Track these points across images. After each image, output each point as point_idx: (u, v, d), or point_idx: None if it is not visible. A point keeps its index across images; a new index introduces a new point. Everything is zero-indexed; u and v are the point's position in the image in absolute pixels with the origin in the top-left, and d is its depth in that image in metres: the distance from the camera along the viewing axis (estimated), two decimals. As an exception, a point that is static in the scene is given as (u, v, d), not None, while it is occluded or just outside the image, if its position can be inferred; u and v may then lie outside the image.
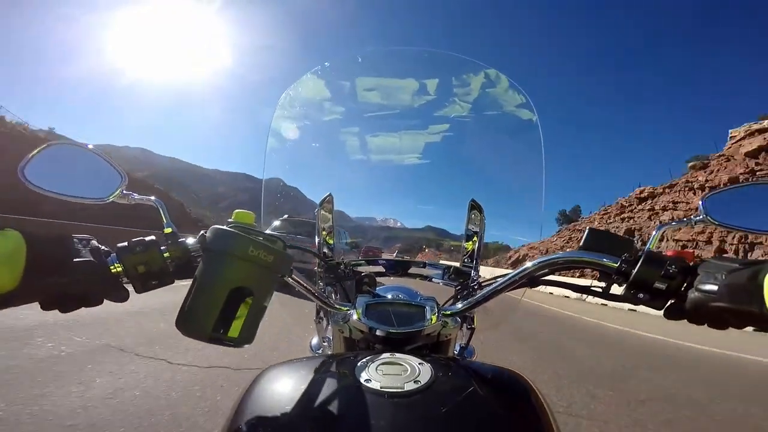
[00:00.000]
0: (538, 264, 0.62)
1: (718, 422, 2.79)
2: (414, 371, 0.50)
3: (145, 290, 0.54)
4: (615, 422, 2.57)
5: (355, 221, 1.03)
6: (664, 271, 0.52)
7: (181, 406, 2.24)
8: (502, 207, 0.91)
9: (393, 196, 0.99)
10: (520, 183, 0.92)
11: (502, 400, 0.50)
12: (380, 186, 0.98)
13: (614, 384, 3.50)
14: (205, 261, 0.47)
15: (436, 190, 1.01)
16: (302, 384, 0.50)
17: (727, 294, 0.45)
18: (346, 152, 0.95)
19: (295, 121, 0.89)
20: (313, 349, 1.00)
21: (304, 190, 0.93)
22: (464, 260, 0.88)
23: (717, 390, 3.58)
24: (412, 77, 0.90)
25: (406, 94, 0.91)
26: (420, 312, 0.69)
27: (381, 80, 0.90)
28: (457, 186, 1.01)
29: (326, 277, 0.84)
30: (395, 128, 0.94)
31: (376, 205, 1.03)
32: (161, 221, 0.59)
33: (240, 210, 0.54)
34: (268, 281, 0.48)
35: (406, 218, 1.02)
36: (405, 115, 0.92)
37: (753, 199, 0.62)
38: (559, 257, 0.61)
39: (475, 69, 0.88)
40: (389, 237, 1.06)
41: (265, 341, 3.45)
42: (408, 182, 0.98)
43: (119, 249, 0.53)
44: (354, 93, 0.89)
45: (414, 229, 1.03)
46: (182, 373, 2.74)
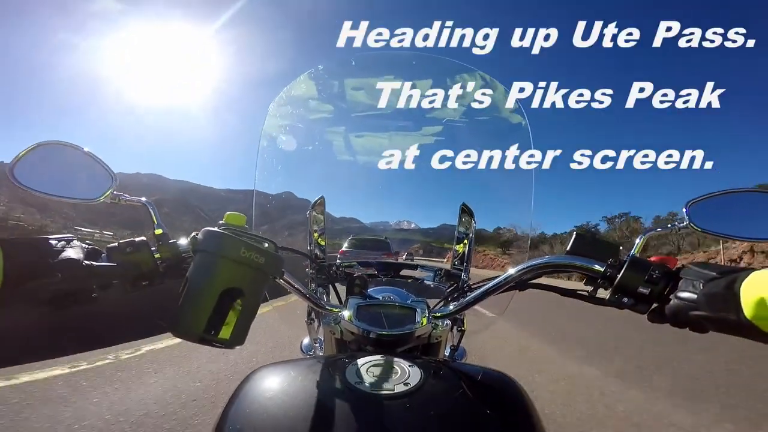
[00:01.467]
0: (527, 268, 0.63)
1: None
2: (404, 373, 0.51)
3: (135, 290, 0.55)
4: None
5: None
6: (648, 276, 0.53)
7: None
8: (492, 212, 0.94)
9: (384, 199, 1.00)
10: (510, 188, 0.94)
11: (490, 402, 0.51)
12: (371, 188, 0.99)
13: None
14: (197, 262, 0.47)
15: (426, 193, 1.03)
16: (292, 386, 0.50)
17: (706, 302, 0.46)
18: (337, 154, 0.96)
19: (287, 125, 0.89)
20: (304, 351, 1.00)
21: (298, 192, 0.94)
22: (455, 263, 0.89)
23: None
24: (402, 79, 0.91)
25: (396, 97, 0.92)
26: (411, 314, 0.69)
27: (371, 82, 0.90)
28: (448, 189, 1.02)
29: (318, 278, 0.84)
30: (385, 129, 0.95)
31: (368, 206, 1.03)
32: (152, 223, 0.59)
33: (231, 212, 0.54)
34: (260, 283, 0.48)
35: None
36: (395, 117, 0.94)
37: (735, 206, 0.63)
38: (546, 261, 0.62)
39: (466, 72, 0.89)
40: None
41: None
42: (400, 184, 0.99)
43: (109, 249, 0.53)
44: (344, 95, 0.90)
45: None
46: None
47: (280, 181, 0.88)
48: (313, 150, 0.94)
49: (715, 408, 2.62)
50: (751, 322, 0.42)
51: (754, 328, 0.42)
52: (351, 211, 1.01)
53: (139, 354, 3.38)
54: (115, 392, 2.50)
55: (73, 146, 0.61)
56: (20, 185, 0.57)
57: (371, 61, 0.93)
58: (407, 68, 0.91)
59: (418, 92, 0.91)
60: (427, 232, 1.03)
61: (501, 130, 0.90)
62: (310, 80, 0.88)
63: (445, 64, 0.91)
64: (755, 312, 0.41)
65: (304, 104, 0.90)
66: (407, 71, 0.90)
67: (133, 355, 3.32)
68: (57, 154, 0.61)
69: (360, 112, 0.93)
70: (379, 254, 0.98)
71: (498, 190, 0.98)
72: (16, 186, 0.57)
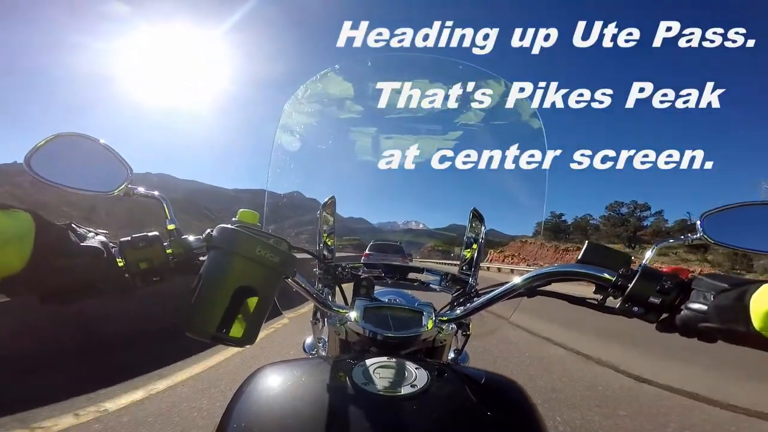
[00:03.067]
0: (537, 275, 0.63)
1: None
2: (411, 375, 0.51)
3: (146, 285, 0.55)
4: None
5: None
6: (660, 286, 0.53)
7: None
8: (503, 219, 0.94)
9: (398, 200, 1.01)
10: (523, 189, 0.94)
11: (495, 406, 0.51)
12: (382, 188, 1.00)
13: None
14: (211, 259, 0.47)
15: (436, 194, 1.03)
16: (299, 384, 0.50)
17: (716, 314, 0.47)
18: (349, 154, 0.96)
19: (302, 124, 0.90)
20: (306, 350, 1.00)
21: (308, 192, 0.94)
22: (463, 267, 0.88)
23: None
24: (417, 81, 0.92)
25: (409, 98, 0.92)
26: (417, 317, 0.69)
27: (387, 83, 0.91)
28: (460, 194, 1.03)
29: (325, 278, 0.84)
30: (400, 131, 0.95)
31: (381, 206, 1.04)
32: (165, 217, 0.59)
33: (245, 210, 0.54)
34: (273, 282, 0.49)
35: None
36: (415, 120, 0.94)
37: (749, 218, 0.63)
38: (557, 269, 0.62)
39: (486, 78, 0.89)
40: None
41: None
42: (414, 186, 1.00)
43: (122, 243, 0.54)
44: (359, 96, 0.90)
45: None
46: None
47: (293, 179, 0.89)
48: (325, 149, 0.94)
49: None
50: (759, 333, 0.43)
51: (762, 338, 0.43)
52: (361, 211, 1.02)
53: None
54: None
55: (90, 138, 0.61)
56: (36, 176, 0.57)
57: (389, 63, 0.94)
58: (422, 70, 0.92)
59: (433, 94, 0.92)
60: (435, 233, 1.04)
61: (515, 132, 0.91)
62: (325, 80, 0.89)
63: (459, 67, 0.91)
64: (763, 323, 0.42)
65: (318, 104, 0.90)
66: (422, 73, 0.91)
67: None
68: (74, 146, 0.61)
69: (374, 114, 0.94)
70: (396, 257, 0.99)
71: (511, 192, 0.99)
72: (32, 176, 0.57)
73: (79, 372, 2.52)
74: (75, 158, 0.60)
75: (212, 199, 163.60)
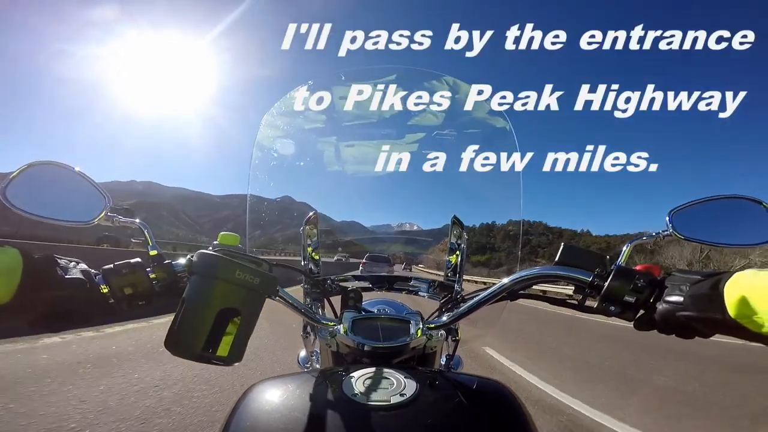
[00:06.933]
0: (517, 279, 0.64)
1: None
2: (400, 384, 0.52)
3: (131, 309, 0.55)
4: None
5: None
6: (633, 284, 0.54)
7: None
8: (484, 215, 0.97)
9: (372, 207, 1.03)
10: (499, 191, 0.97)
11: (485, 411, 0.52)
12: (361, 197, 1.02)
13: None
14: (193, 284, 0.48)
15: (417, 201, 1.06)
16: (290, 399, 0.51)
17: (692, 303, 0.48)
18: (328, 165, 0.98)
19: (280, 138, 0.91)
20: (300, 364, 1.01)
21: (291, 203, 0.96)
22: (448, 274, 0.90)
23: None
24: (389, 89, 0.95)
25: (382, 106, 0.95)
26: (405, 326, 0.70)
27: (360, 94, 0.93)
28: (438, 202, 1.05)
29: (313, 292, 0.85)
30: (374, 138, 0.98)
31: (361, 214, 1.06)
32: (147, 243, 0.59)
33: (225, 232, 0.55)
34: (256, 302, 0.49)
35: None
36: (383, 126, 0.97)
37: (716, 213, 0.64)
38: (536, 272, 0.64)
39: (450, 82, 0.92)
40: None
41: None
42: (388, 193, 1.02)
43: (105, 271, 0.54)
44: (335, 108, 0.93)
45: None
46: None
47: (274, 187, 0.91)
48: (304, 163, 0.96)
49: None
50: (735, 320, 0.44)
51: (738, 326, 0.44)
52: (342, 220, 1.04)
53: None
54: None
55: (64, 166, 0.60)
56: (13, 207, 0.56)
57: (360, 75, 0.96)
58: (395, 80, 0.94)
59: (404, 101, 0.95)
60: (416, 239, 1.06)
61: (486, 134, 0.94)
62: (302, 94, 0.90)
63: (430, 75, 0.95)
64: (738, 311, 0.43)
65: (295, 117, 0.92)
66: (395, 82, 0.94)
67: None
68: (49, 175, 0.60)
69: (350, 122, 0.97)
70: (384, 266, 1.02)
71: (487, 195, 1.01)
72: (9, 207, 0.57)
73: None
74: (51, 187, 0.60)
75: (199, 205, 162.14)
